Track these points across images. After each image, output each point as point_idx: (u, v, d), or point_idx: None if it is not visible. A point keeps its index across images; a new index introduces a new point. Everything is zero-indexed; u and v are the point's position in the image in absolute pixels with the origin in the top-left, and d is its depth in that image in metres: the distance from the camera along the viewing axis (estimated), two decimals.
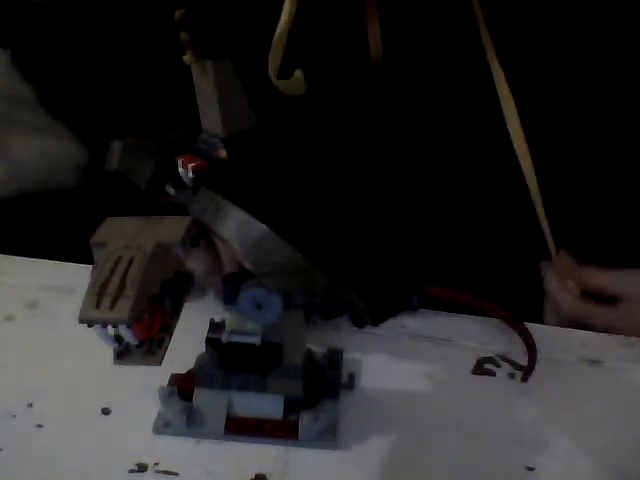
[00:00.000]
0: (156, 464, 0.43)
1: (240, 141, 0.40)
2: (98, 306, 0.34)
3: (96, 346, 0.51)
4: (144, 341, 0.36)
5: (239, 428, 0.44)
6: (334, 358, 0.48)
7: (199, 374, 0.45)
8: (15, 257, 0.61)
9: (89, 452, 0.44)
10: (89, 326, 0.35)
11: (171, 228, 0.39)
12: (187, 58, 0.39)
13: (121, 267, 0.35)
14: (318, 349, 0.49)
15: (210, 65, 0.39)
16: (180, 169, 0.40)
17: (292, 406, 0.44)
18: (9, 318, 0.55)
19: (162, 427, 0.45)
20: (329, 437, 0.44)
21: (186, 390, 0.45)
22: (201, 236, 0.41)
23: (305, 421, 0.43)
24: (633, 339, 0.53)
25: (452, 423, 0.46)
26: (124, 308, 0.33)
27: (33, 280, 0.58)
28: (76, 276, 0.39)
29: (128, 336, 0.35)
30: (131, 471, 0.43)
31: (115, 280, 0.34)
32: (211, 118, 0.40)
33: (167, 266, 0.38)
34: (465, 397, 0.48)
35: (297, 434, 0.43)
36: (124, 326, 0.35)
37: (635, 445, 0.44)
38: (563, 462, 0.43)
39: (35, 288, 0.57)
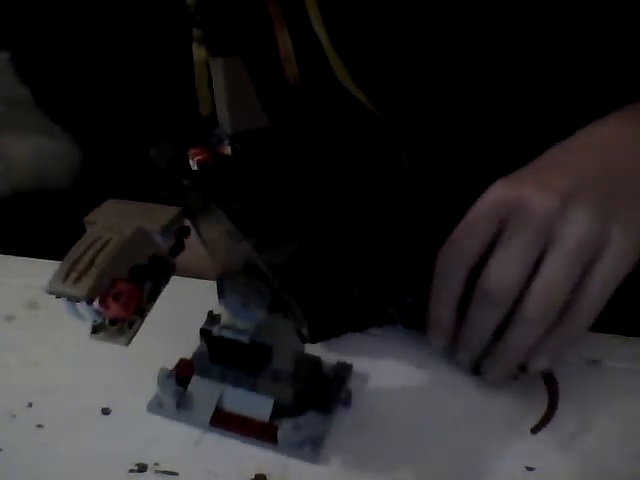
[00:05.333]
0: (156, 464, 0.43)
1: (247, 140, 0.40)
2: (65, 280, 0.35)
3: (96, 346, 0.51)
4: (118, 320, 0.38)
5: (224, 422, 0.44)
6: (340, 373, 0.47)
7: (197, 362, 0.45)
8: (15, 257, 0.61)
9: (89, 452, 0.44)
10: (57, 297, 0.36)
11: (156, 216, 0.39)
12: (200, 54, 0.40)
13: (95, 247, 0.36)
14: (331, 358, 0.48)
15: (220, 62, 0.39)
16: (190, 160, 0.41)
17: (282, 411, 0.44)
18: (9, 318, 0.55)
19: (156, 407, 0.46)
20: (309, 449, 0.43)
21: (185, 375, 0.46)
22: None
23: (285, 428, 0.43)
24: (633, 339, 0.53)
25: (452, 423, 0.46)
26: (85, 285, 0.35)
27: (33, 280, 0.58)
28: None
29: (89, 312, 0.37)
30: (131, 471, 0.43)
31: (86, 258, 0.36)
32: (222, 114, 0.40)
33: (143, 251, 0.38)
34: (465, 397, 0.48)
35: (277, 439, 0.43)
36: (84, 302, 0.36)
37: (635, 445, 0.44)
38: (563, 462, 0.43)
39: (35, 288, 0.57)
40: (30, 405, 0.47)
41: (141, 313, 0.38)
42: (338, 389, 0.47)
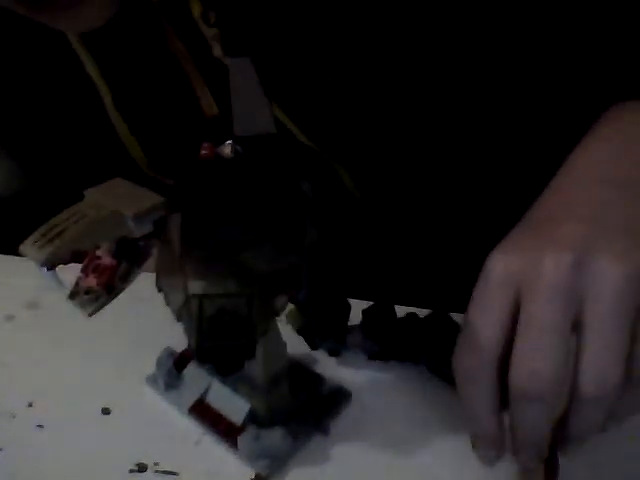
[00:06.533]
0: (156, 464, 0.43)
1: (250, 144, 0.40)
2: (34, 243, 0.37)
3: (96, 346, 0.51)
4: (89, 291, 0.38)
5: (201, 414, 0.45)
6: (336, 399, 0.46)
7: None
8: (15, 257, 0.60)
9: (89, 452, 0.44)
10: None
11: (138, 201, 0.40)
12: (216, 51, 0.40)
13: (71, 220, 0.37)
14: (337, 375, 0.48)
15: (229, 62, 0.39)
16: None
17: (257, 420, 0.43)
18: (9, 318, 0.55)
19: (152, 381, 0.47)
20: (265, 463, 0.42)
21: (185, 359, 0.47)
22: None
23: (245, 436, 0.42)
24: None
25: (451, 423, 0.46)
26: (45, 252, 0.36)
27: (33, 280, 0.58)
28: (76, 276, 0.39)
29: (48, 277, 0.38)
30: (131, 471, 0.43)
31: (59, 228, 0.37)
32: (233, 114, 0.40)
33: (113, 234, 0.39)
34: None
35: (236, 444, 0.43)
36: (44, 268, 0.37)
37: (635, 445, 0.44)
38: (563, 462, 0.43)
39: (35, 288, 0.57)
40: (30, 405, 0.47)
41: (110, 290, 0.39)
42: (325, 414, 0.45)
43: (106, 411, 0.47)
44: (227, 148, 0.39)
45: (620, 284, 0.33)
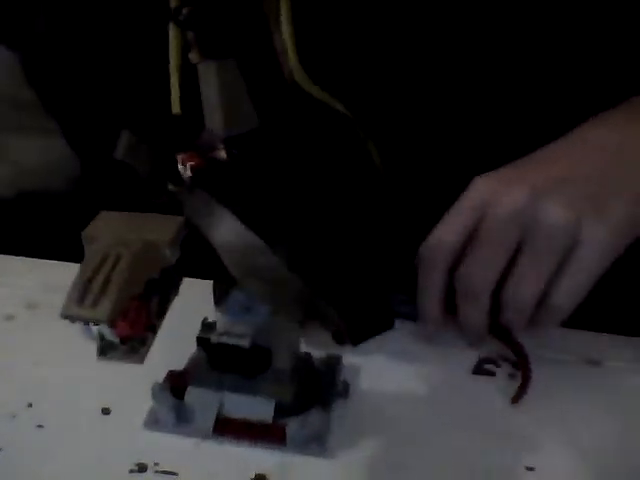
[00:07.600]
0: (156, 464, 0.43)
1: (241, 143, 0.40)
2: (81, 303, 0.34)
3: (96, 346, 0.51)
4: (127, 339, 0.37)
5: (228, 429, 0.44)
6: (331, 364, 0.48)
7: (192, 372, 0.45)
8: (15, 257, 0.61)
9: (89, 452, 0.44)
10: (72, 322, 0.35)
11: (161, 227, 0.39)
12: (193, 56, 0.39)
13: (107, 265, 0.35)
14: (318, 352, 0.48)
15: (213, 65, 0.39)
16: (180, 166, 0.40)
17: (283, 411, 0.44)
18: (9, 318, 0.55)
19: (152, 423, 0.45)
20: (317, 445, 0.43)
21: (179, 387, 0.45)
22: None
23: (292, 427, 0.43)
24: (634, 339, 0.53)
25: (452, 424, 0.46)
26: (105, 307, 0.34)
27: (33, 280, 0.58)
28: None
29: (109, 334, 0.36)
30: (131, 471, 0.43)
31: (100, 278, 0.34)
32: (213, 117, 0.40)
33: (153, 265, 0.38)
34: (465, 397, 0.48)
35: (285, 439, 0.43)
36: (105, 325, 0.35)
37: (635, 445, 0.44)
38: (563, 462, 0.43)
39: (35, 288, 0.57)
40: (30, 405, 0.47)
41: (153, 329, 0.38)
42: (332, 382, 0.47)
43: (106, 411, 0.47)
44: (222, 152, 0.39)
45: (558, 232, 0.41)
